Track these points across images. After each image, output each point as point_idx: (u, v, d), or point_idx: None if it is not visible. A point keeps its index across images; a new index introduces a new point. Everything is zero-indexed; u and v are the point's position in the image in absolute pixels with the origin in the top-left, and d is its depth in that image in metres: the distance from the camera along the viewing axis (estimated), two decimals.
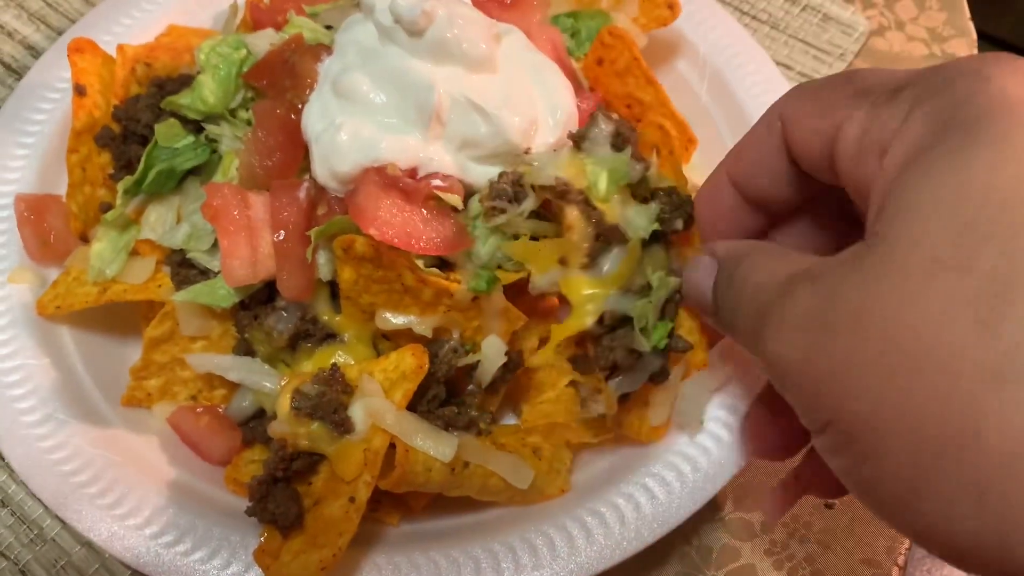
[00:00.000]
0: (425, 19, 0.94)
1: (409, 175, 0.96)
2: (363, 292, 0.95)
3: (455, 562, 0.94)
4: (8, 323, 1.08)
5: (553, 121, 1.02)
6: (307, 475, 0.97)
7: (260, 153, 1.02)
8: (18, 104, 1.23)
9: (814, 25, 1.48)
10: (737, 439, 0.98)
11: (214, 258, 1.03)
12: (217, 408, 1.06)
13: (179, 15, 1.35)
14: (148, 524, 0.95)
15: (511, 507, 1.00)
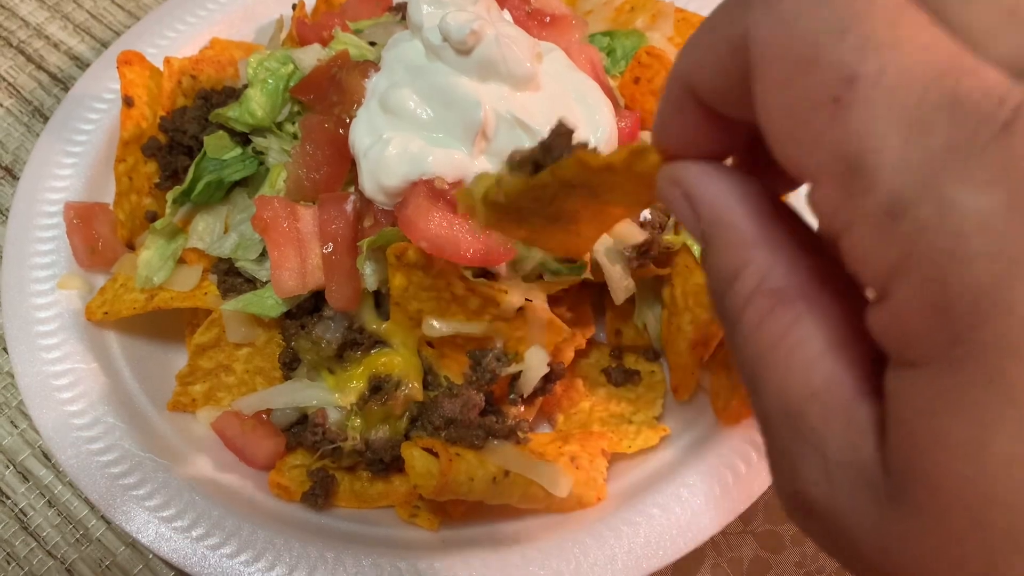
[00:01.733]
0: (473, 38, 0.96)
1: (455, 188, 0.99)
2: (412, 299, 0.97)
3: (493, 569, 0.96)
4: (58, 328, 1.10)
5: (595, 139, 1.04)
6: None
7: (308, 166, 1.05)
8: (66, 114, 1.27)
9: None
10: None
11: (261, 267, 1.06)
12: (261, 414, 1.08)
13: (222, 28, 1.38)
14: (194, 526, 0.98)
15: (548, 515, 1.02)
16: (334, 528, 1.02)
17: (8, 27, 1.51)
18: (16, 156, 1.38)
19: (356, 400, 1.03)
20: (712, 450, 1.02)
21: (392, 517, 1.04)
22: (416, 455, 0.95)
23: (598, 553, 0.96)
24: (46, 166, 1.22)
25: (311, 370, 1.06)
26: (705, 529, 0.98)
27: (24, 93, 1.44)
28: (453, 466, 0.92)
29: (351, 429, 1.03)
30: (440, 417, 0.98)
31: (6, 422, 1.16)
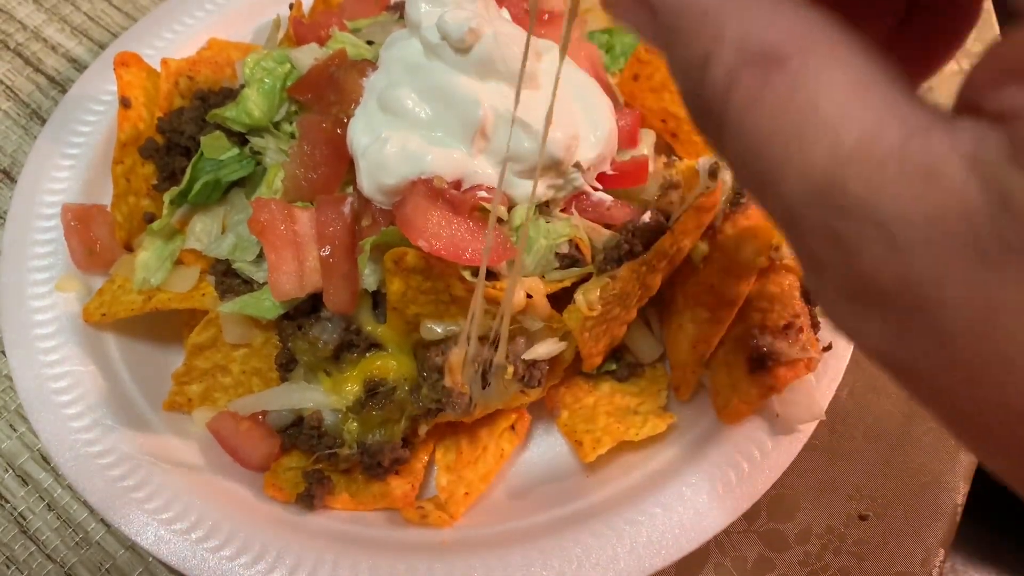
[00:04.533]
0: (472, 36, 0.96)
1: (453, 187, 0.98)
2: (410, 303, 0.96)
3: (494, 570, 0.95)
4: (56, 331, 1.10)
5: (594, 137, 1.04)
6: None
7: (305, 166, 1.04)
8: (64, 116, 1.26)
9: None
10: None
11: (259, 269, 1.05)
12: (257, 415, 1.07)
13: (220, 29, 1.37)
14: (194, 529, 0.97)
15: (551, 514, 1.01)
16: (332, 529, 1.01)
17: (6, 30, 1.51)
18: (14, 159, 1.38)
19: (352, 403, 1.02)
20: (715, 448, 1.02)
21: (388, 519, 1.04)
22: None
23: (600, 553, 0.96)
24: (44, 168, 1.22)
25: (308, 372, 1.05)
26: (708, 528, 0.97)
27: (22, 96, 1.44)
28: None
29: (347, 433, 1.02)
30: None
31: (5, 426, 1.15)
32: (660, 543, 0.96)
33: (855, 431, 1.16)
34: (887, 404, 1.18)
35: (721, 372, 1.06)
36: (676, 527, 0.97)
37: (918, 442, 1.15)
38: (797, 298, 1.06)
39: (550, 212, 1.04)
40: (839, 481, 1.12)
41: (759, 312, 1.05)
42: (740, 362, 1.04)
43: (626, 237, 1.04)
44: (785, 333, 1.03)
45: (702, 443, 1.04)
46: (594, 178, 1.07)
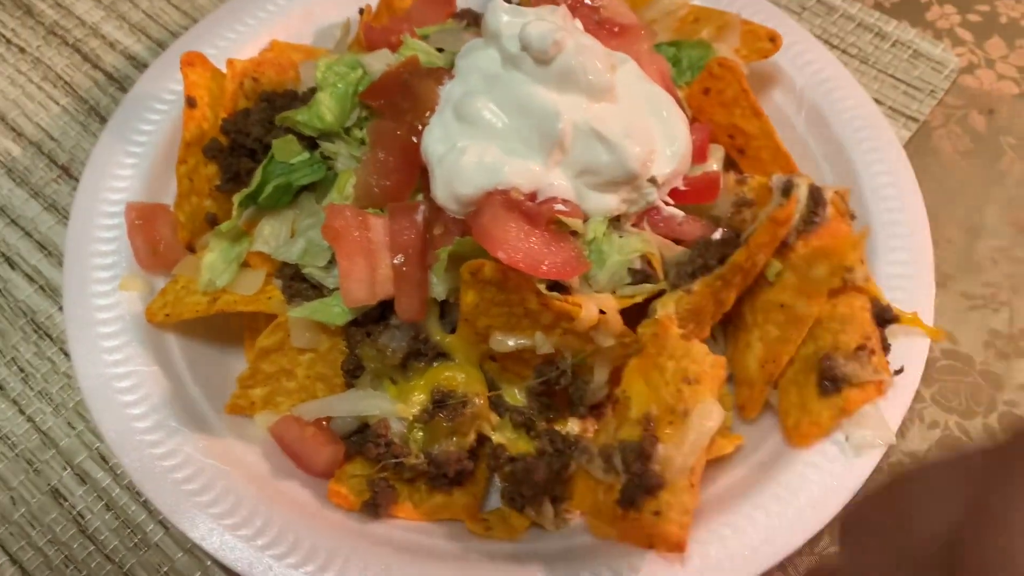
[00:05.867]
0: (555, 48, 0.95)
1: (528, 199, 0.97)
2: (482, 315, 0.96)
3: None
4: (120, 330, 1.09)
5: (670, 152, 1.03)
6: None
7: (378, 173, 1.04)
8: (127, 114, 1.26)
9: (904, 61, 1.48)
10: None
11: (329, 274, 1.05)
12: (321, 421, 1.07)
13: (281, 30, 1.37)
14: (259, 535, 0.97)
15: None
16: (396, 538, 1.00)
17: (64, 26, 1.51)
18: (72, 155, 1.38)
19: (418, 412, 1.02)
20: (784, 471, 1.01)
21: (450, 530, 1.03)
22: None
23: (668, 574, 0.95)
24: (107, 166, 1.22)
25: (373, 379, 1.04)
26: (778, 552, 0.96)
27: (80, 92, 1.44)
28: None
29: (413, 442, 1.02)
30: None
31: (63, 423, 1.15)
32: (730, 565, 0.95)
33: (919, 453, 1.15)
34: (953, 427, 1.17)
35: (790, 392, 1.05)
36: (747, 549, 0.96)
37: None
38: (868, 320, 1.05)
39: (622, 227, 1.04)
40: None
41: (830, 333, 1.04)
42: (810, 383, 1.03)
43: (700, 252, 1.03)
44: (857, 355, 1.02)
45: (770, 465, 1.03)
46: (667, 193, 1.06)
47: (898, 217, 1.19)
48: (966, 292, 1.27)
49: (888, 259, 1.16)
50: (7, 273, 1.26)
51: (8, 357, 1.19)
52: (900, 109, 1.43)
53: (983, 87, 1.47)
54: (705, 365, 0.94)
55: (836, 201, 1.09)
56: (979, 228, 1.33)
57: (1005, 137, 1.42)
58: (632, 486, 0.90)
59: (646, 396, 0.96)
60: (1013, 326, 1.24)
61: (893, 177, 1.22)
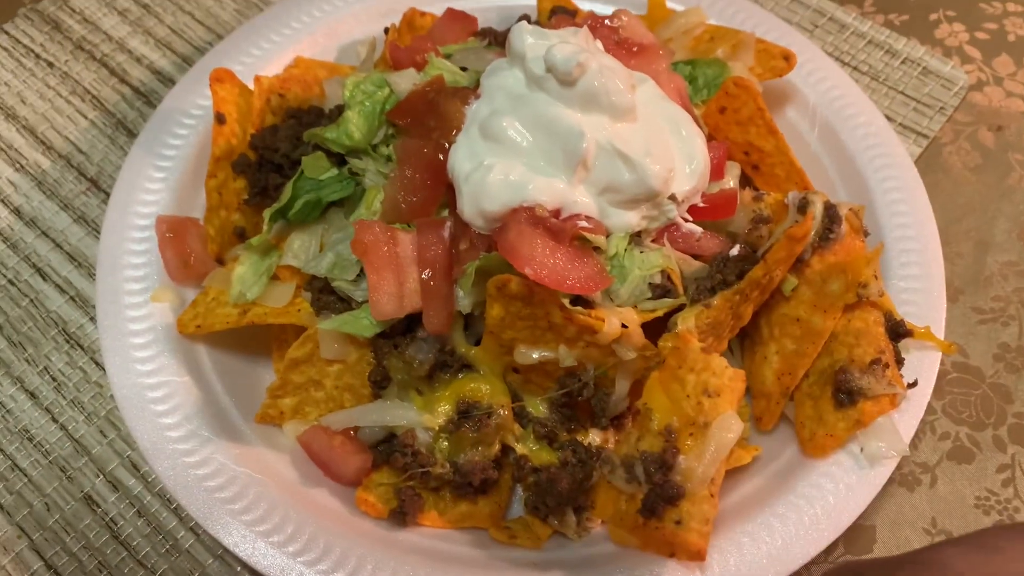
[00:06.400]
0: (579, 70, 0.98)
1: (553, 216, 1.00)
2: (507, 328, 0.99)
3: None
4: (152, 341, 1.12)
5: (689, 169, 1.06)
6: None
7: (405, 189, 1.07)
8: (156, 130, 1.29)
9: (914, 78, 1.51)
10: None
11: (358, 288, 1.07)
12: (349, 430, 1.09)
13: (306, 47, 1.41)
14: (291, 542, 0.99)
15: None
16: (423, 546, 1.03)
17: (92, 40, 1.54)
18: (100, 168, 1.41)
19: (444, 423, 1.04)
20: (801, 481, 1.03)
21: (474, 537, 1.06)
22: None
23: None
24: (137, 180, 1.25)
25: (400, 390, 1.07)
26: (795, 560, 0.99)
27: (108, 106, 1.47)
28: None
29: (438, 452, 1.04)
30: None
31: (96, 432, 1.18)
32: (748, 573, 0.98)
33: (931, 464, 1.17)
34: (964, 439, 1.19)
35: (806, 405, 1.08)
36: (764, 557, 0.98)
37: (992, 479, 1.16)
38: (882, 335, 1.07)
39: (643, 242, 1.06)
40: (915, 514, 1.13)
41: (845, 347, 1.07)
42: (826, 395, 1.06)
43: (718, 267, 1.06)
44: (872, 369, 1.04)
45: (787, 475, 1.05)
46: (686, 210, 1.09)
47: (910, 233, 1.22)
48: (976, 306, 1.30)
49: (900, 274, 1.19)
50: (39, 284, 1.29)
51: (41, 367, 1.22)
52: (910, 125, 1.46)
53: (992, 104, 1.50)
54: (725, 378, 0.97)
55: (851, 218, 1.11)
56: (988, 243, 1.36)
57: (1014, 153, 1.45)
58: (653, 496, 0.93)
59: (667, 408, 0.99)
60: (1022, 339, 1.27)
61: (905, 193, 1.25)
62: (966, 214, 1.38)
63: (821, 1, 1.61)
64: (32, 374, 1.22)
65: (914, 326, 1.11)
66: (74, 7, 1.58)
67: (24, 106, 1.47)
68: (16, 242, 1.33)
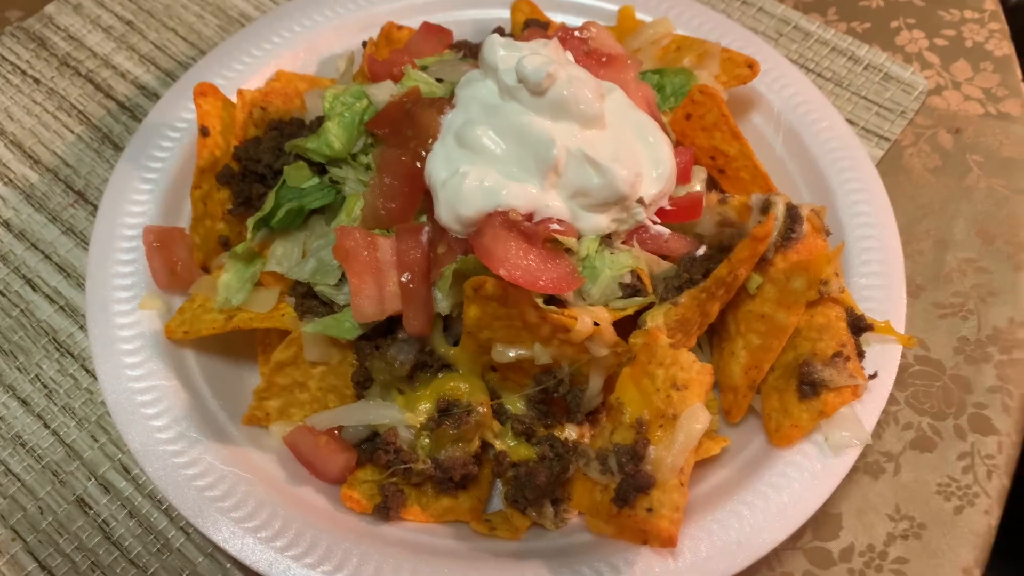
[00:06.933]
0: (549, 80, 1.03)
1: (526, 219, 1.05)
2: (484, 328, 1.03)
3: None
4: (141, 347, 1.16)
5: (656, 174, 1.11)
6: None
7: (384, 196, 1.11)
8: (142, 143, 1.33)
9: (876, 83, 1.57)
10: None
11: (339, 292, 1.11)
12: (333, 430, 1.13)
13: (286, 61, 1.45)
14: (278, 537, 1.03)
15: None
16: (406, 539, 1.07)
17: (77, 57, 1.58)
18: (88, 180, 1.44)
19: (425, 421, 1.08)
20: (768, 470, 1.08)
21: (456, 530, 1.10)
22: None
23: (662, 568, 1.01)
24: (124, 192, 1.28)
25: (382, 390, 1.11)
26: (763, 545, 1.03)
27: (94, 120, 1.50)
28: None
29: (420, 448, 1.08)
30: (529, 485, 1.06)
31: (87, 436, 1.21)
32: (718, 558, 1.02)
33: (895, 453, 1.22)
34: (926, 428, 1.24)
35: (772, 397, 1.13)
36: (734, 543, 1.03)
37: (953, 466, 1.21)
38: (844, 329, 1.12)
39: (613, 244, 1.11)
40: (880, 501, 1.18)
41: (808, 341, 1.12)
42: (791, 388, 1.11)
43: (685, 267, 1.11)
44: (834, 361, 1.09)
45: (755, 465, 1.10)
46: (654, 212, 1.13)
47: (871, 232, 1.27)
48: (937, 302, 1.35)
49: (862, 271, 1.24)
50: (29, 295, 1.32)
51: (32, 374, 1.26)
52: (873, 129, 1.52)
53: (950, 108, 1.56)
54: (692, 372, 1.02)
55: (812, 218, 1.16)
56: (948, 241, 1.41)
57: (971, 155, 1.51)
58: (626, 485, 0.98)
59: (638, 402, 1.03)
60: (980, 333, 1.32)
61: (866, 194, 1.31)
62: (926, 213, 1.44)
63: (786, 10, 1.67)
64: (24, 382, 1.25)
65: (874, 320, 1.16)
66: (59, 24, 1.62)
67: (11, 122, 1.50)
68: (6, 254, 1.36)
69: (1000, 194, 1.46)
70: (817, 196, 1.32)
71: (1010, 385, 1.27)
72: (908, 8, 1.70)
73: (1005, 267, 1.38)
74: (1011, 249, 1.40)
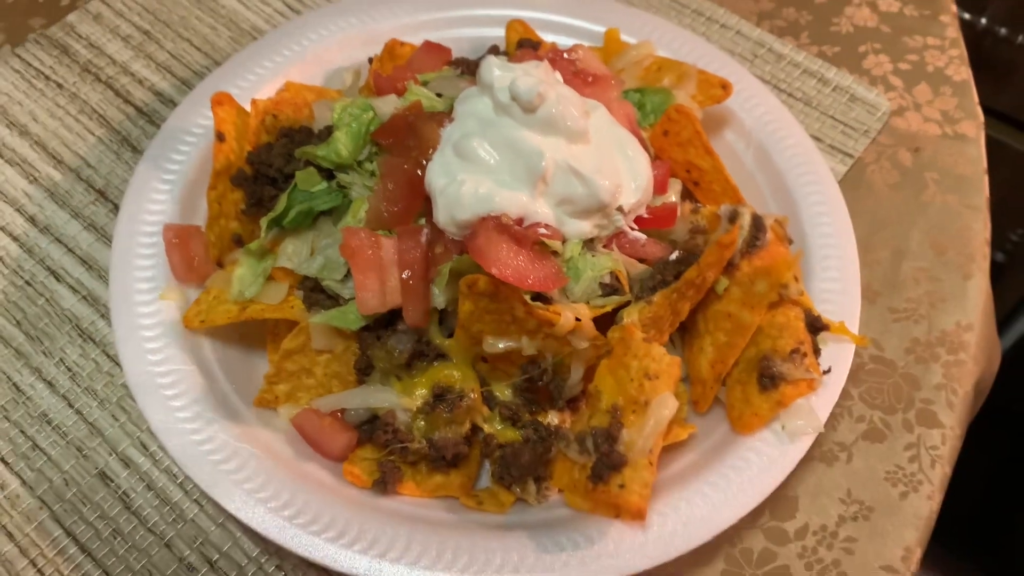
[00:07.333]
0: (539, 99, 1.14)
1: (517, 224, 1.16)
2: (476, 322, 1.14)
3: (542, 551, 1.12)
4: (161, 334, 1.26)
5: (634, 185, 1.22)
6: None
7: (387, 200, 1.22)
8: (162, 146, 1.43)
9: (842, 104, 1.69)
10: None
11: (344, 287, 1.22)
12: (336, 412, 1.24)
13: (295, 73, 1.56)
14: (286, 507, 1.13)
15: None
16: (403, 511, 1.17)
17: (98, 64, 1.68)
18: (107, 180, 1.54)
19: (420, 405, 1.19)
20: (730, 454, 1.19)
21: (447, 504, 1.20)
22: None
23: (632, 539, 1.13)
24: (144, 192, 1.38)
25: (382, 377, 1.22)
26: (723, 521, 1.14)
27: (113, 124, 1.61)
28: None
29: (416, 430, 1.19)
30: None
31: (108, 416, 1.31)
32: (684, 533, 1.13)
33: (848, 443, 1.34)
34: (877, 421, 1.36)
35: (736, 389, 1.24)
36: (697, 519, 1.14)
37: (900, 455, 1.33)
38: (802, 328, 1.24)
39: (594, 247, 1.22)
40: (833, 486, 1.30)
41: (769, 339, 1.23)
42: (752, 381, 1.22)
43: (659, 270, 1.22)
44: (792, 357, 1.21)
45: (718, 449, 1.21)
46: (632, 220, 1.25)
47: (831, 241, 1.39)
48: (891, 306, 1.47)
49: (822, 276, 1.36)
50: (53, 285, 1.43)
51: (57, 358, 1.36)
52: (838, 146, 1.64)
53: (911, 128, 1.69)
54: (663, 364, 1.13)
55: (775, 227, 1.28)
56: (904, 251, 1.53)
57: (929, 172, 1.63)
58: (601, 464, 1.09)
59: (614, 390, 1.15)
60: (930, 335, 1.44)
61: (827, 207, 1.43)
62: (885, 225, 1.56)
63: (762, 33, 1.79)
64: (49, 365, 1.35)
65: (830, 321, 1.28)
66: (80, 33, 1.72)
67: (36, 123, 1.60)
68: (31, 247, 1.46)
69: (953, 209, 1.58)
70: (783, 207, 1.44)
71: (955, 383, 1.39)
72: (875, 34, 1.83)
73: (955, 276, 1.50)
74: (961, 260, 1.52)
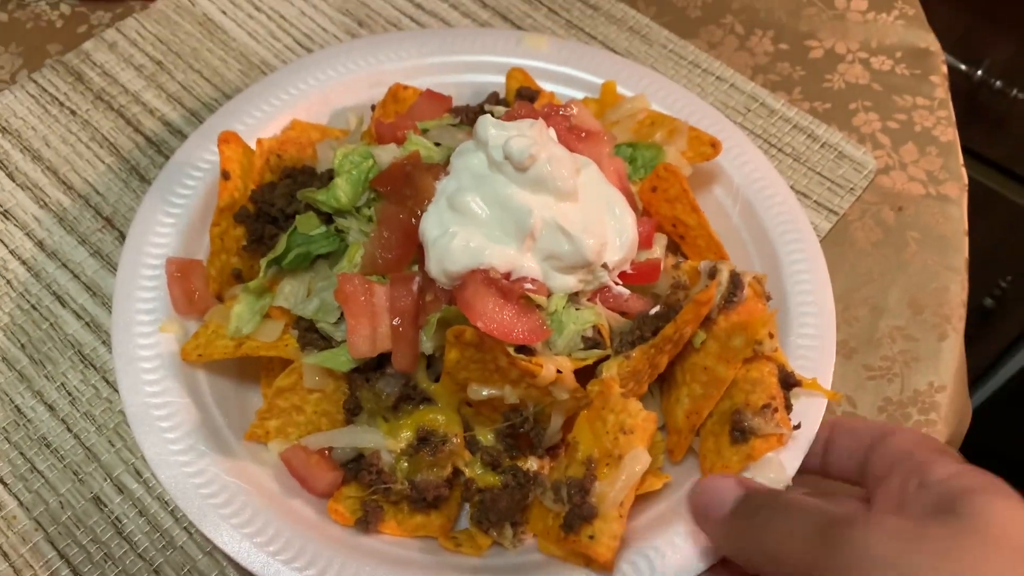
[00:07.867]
0: (531, 160, 1.19)
1: (504, 278, 1.21)
2: (462, 370, 1.19)
3: None
4: (159, 366, 1.31)
5: (619, 242, 1.27)
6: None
7: (382, 247, 1.27)
8: (168, 180, 1.48)
9: (830, 160, 1.74)
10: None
11: (337, 329, 1.27)
12: (324, 450, 1.28)
13: (301, 111, 1.61)
14: (271, 542, 1.17)
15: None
16: (382, 550, 1.21)
17: (110, 92, 1.73)
18: (115, 208, 1.60)
19: (405, 447, 1.24)
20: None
21: (425, 545, 1.25)
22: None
23: None
24: (150, 224, 1.43)
25: (369, 417, 1.27)
26: (694, 569, 1.19)
27: (123, 152, 1.66)
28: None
29: (399, 472, 1.24)
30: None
31: (104, 441, 1.36)
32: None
33: None
34: None
35: (709, 440, 1.29)
36: (669, 569, 1.18)
37: None
38: (775, 384, 1.29)
39: (579, 301, 1.27)
40: None
41: (743, 393, 1.28)
42: (724, 433, 1.27)
43: (638, 324, 1.27)
44: (763, 412, 1.25)
45: None
46: (616, 275, 1.30)
47: (809, 299, 1.44)
48: (867, 364, 1.52)
49: (799, 332, 1.40)
50: (58, 310, 1.48)
51: (58, 383, 1.41)
52: (824, 203, 1.69)
53: (895, 187, 1.74)
54: (639, 419, 1.18)
55: (753, 284, 1.33)
56: (882, 309, 1.58)
57: (911, 231, 1.68)
58: (572, 515, 1.13)
59: (590, 442, 1.19)
60: (903, 394, 1.49)
61: (808, 264, 1.47)
62: (865, 283, 1.61)
63: (755, 88, 1.84)
64: (50, 389, 1.40)
65: (803, 377, 1.32)
66: (95, 60, 1.78)
67: (48, 148, 1.66)
68: (39, 272, 1.51)
69: (932, 269, 1.63)
70: (766, 263, 1.49)
71: None
72: (866, 92, 1.88)
73: (930, 336, 1.55)
74: (937, 320, 1.57)
